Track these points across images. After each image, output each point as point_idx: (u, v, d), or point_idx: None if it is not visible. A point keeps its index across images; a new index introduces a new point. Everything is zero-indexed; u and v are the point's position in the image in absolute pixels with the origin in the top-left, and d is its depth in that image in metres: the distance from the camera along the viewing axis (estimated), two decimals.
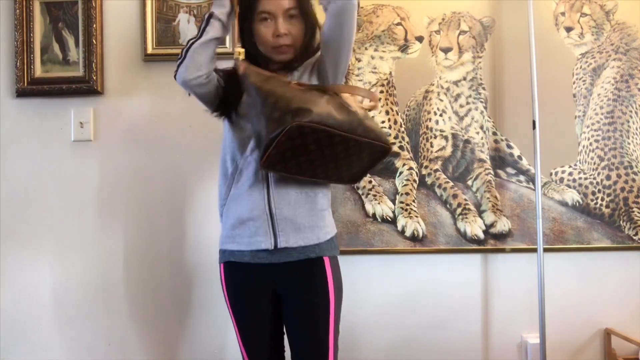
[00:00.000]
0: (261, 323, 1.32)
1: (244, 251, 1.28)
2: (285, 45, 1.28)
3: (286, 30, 1.26)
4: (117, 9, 1.84)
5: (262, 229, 1.26)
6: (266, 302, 1.31)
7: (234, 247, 1.30)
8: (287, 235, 1.25)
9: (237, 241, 1.29)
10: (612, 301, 1.86)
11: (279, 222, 1.26)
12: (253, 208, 1.26)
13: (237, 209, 1.29)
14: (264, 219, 1.26)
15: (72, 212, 1.82)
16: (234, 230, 1.29)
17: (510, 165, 1.86)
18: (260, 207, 1.26)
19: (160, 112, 1.83)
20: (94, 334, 1.82)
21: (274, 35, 1.27)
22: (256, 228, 1.26)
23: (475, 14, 1.86)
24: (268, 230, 1.25)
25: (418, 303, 1.85)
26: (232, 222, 1.30)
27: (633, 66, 1.87)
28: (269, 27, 1.27)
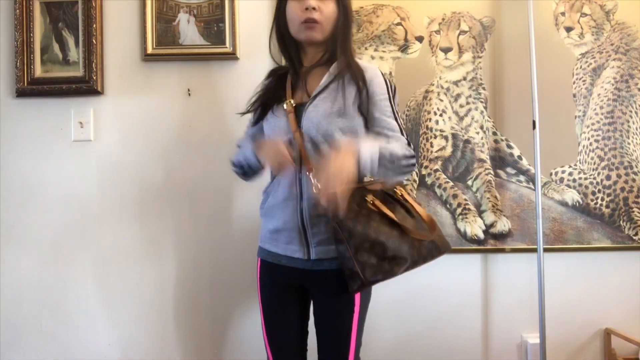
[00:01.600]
0: (289, 321, 1.36)
1: (281, 255, 1.33)
2: (313, 20, 1.27)
3: (316, 4, 1.27)
4: (117, 9, 1.84)
5: (296, 239, 1.29)
6: (296, 302, 1.36)
7: (273, 249, 1.35)
8: (319, 247, 1.28)
9: (275, 244, 1.34)
10: (612, 301, 1.86)
11: (312, 236, 1.28)
12: (287, 220, 1.30)
13: (274, 218, 1.33)
14: (296, 231, 1.29)
15: (72, 211, 1.82)
16: (272, 234, 1.34)
17: (510, 165, 1.86)
18: (294, 221, 1.29)
19: (160, 112, 1.83)
20: (94, 334, 1.82)
21: (303, 9, 1.27)
22: (290, 238, 1.30)
23: (475, 14, 1.86)
24: (302, 242, 1.29)
25: (418, 303, 1.85)
26: (270, 227, 1.34)
27: (633, 66, 1.87)
28: (299, 3, 1.28)
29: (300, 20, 1.28)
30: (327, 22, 1.29)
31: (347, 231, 1.16)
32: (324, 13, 1.28)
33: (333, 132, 1.25)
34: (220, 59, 1.83)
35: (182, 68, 1.83)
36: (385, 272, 1.18)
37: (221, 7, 1.81)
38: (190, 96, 1.84)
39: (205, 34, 1.81)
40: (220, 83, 1.83)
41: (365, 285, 1.18)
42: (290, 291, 1.35)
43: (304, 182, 1.27)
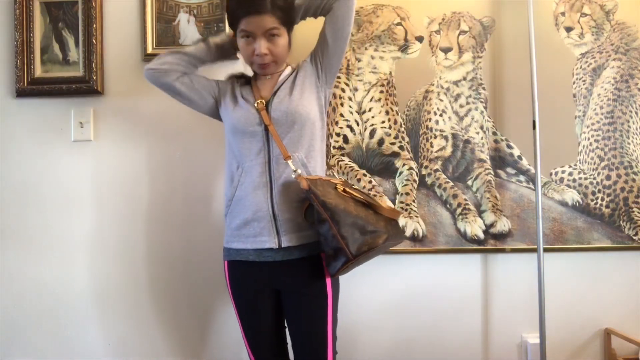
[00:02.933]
0: (264, 318, 1.38)
1: (249, 250, 1.34)
2: (264, 64, 1.35)
3: (266, 50, 1.31)
4: (117, 9, 1.84)
5: (266, 229, 1.32)
6: (268, 298, 1.37)
7: (240, 246, 1.36)
8: (290, 234, 1.32)
9: (243, 240, 1.35)
10: (612, 301, 1.86)
11: (282, 223, 1.32)
12: (257, 210, 1.32)
13: (242, 210, 1.35)
14: (267, 219, 1.32)
15: (72, 211, 1.82)
16: (240, 229, 1.36)
17: (510, 165, 1.86)
18: (264, 209, 1.32)
19: (160, 112, 1.83)
20: (94, 334, 1.82)
21: (254, 53, 1.32)
22: (260, 228, 1.32)
23: (475, 14, 1.86)
24: (272, 231, 1.32)
25: (418, 303, 1.85)
26: (237, 222, 1.36)
27: (633, 66, 1.87)
28: (249, 45, 1.33)
29: (252, 62, 1.37)
30: (280, 57, 1.36)
31: (330, 210, 1.24)
32: (275, 53, 1.33)
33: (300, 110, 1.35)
34: None
35: None
36: (369, 244, 1.24)
37: (221, 7, 1.80)
38: None
39: (205, 34, 1.81)
40: None
41: (350, 261, 1.23)
42: (261, 284, 1.37)
43: (274, 170, 1.33)
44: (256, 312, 1.39)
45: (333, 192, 1.28)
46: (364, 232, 1.24)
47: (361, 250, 1.23)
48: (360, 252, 1.23)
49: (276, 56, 1.34)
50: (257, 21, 1.27)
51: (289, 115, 1.34)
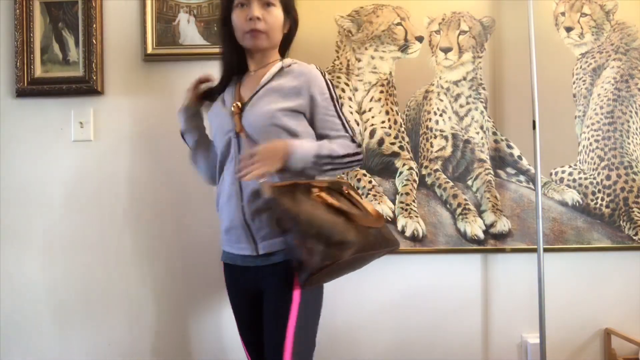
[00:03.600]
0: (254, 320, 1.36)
1: (235, 254, 1.35)
2: (256, 30, 1.29)
3: (260, 14, 1.29)
4: (117, 9, 1.84)
5: (243, 237, 1.31)
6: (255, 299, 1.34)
7: (228, 249, 1.38)
8: (266, 242, 1.28)
9: (229, 245, 1.36)
10: (612, 301, 1.86)
11: (256, 231, 1.29)
12: (232, 218, 1.32)
13: (223, 218, 1.36)
14: (242, 228, 1.30)
15: (72, 211, 1.82)
16: (225, 235, 1.37)
17: (510, 165, 1.86)
18: (238, 218, 1.30)
19: (160, 112, 1.83)
20: (94, 334, 1.82)
21: (247, 18, 1.29)
22: (238, 236, 1.32)
23: (475, 14, 1.86)
24: (249, 239, 1.30)
25: (418, 303, 1.85)
26: (223, 227, 1.37)
27: (633, 66, 1.87)
28: (244, 12, 1.30)
29: (245, 30, 1.30)
30: (273, 29, 1.32)
31: (292, 219, 1.16)
32: (269, 22, 1.30)
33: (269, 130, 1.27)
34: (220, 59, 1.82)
35: (182, 68, 1.83)
36: (333, 256, 1.15)
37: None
38: None
39: (205, 34, 1.81)
40: None
41: (314, 274, 1.14)
42: (249, 286, 1.35)
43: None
44: (247, 314, 1.38)
45: (304, 198, 1.19)
46: (328, 244, 1.15)
47: (324, 263, 1.13)
48: (323, 266, 1.14)
49: (269, 25, 1.30)
50: None
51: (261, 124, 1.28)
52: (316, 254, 1.14)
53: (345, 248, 1.17)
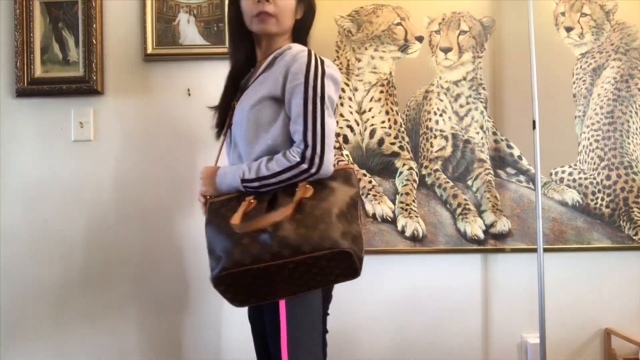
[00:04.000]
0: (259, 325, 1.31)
1: None
2: (265, 12, 1.18)
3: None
4: (117, 9, 1.84)
5: None
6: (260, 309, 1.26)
7: None
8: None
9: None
10: (612, 301, 1.86)
11: None
12: None
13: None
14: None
15: (72, 211, 1.82)
16: None
17: (510, 165, 1.86)
18: None
19: (160, 112, 1.83)
20: (94, 334, 1.82)
21: (256, 1, 1.19)
22: None
23: (475, 14, 1.86)
24: None
25: (418, 303, 1.85)
26: None
27: (633, 66, 1.87)
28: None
29: (253, 13, 1.20)
30: (283, 14, 1.20)
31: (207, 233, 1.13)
32: (278, 4, 1.19)
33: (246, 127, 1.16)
34: (220, 59, 1.82)
35: (182, 68, 1.83)
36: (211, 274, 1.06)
37: (221, 7, 1.80)
38: (190, 96, 1.84)
39: (205, 34, 1.81)
40: (220, 83, 1.79)
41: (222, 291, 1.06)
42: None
43: None
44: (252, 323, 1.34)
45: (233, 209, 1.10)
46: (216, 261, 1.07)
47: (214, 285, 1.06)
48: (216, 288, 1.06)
49: (279, 8, 1.19)
50: None
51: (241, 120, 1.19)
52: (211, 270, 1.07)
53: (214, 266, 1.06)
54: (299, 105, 1.10)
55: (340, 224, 1.04)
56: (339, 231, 1.03)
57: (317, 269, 1.04)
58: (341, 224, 1.05)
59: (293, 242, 1.01)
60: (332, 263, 1.03)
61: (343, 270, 1.06)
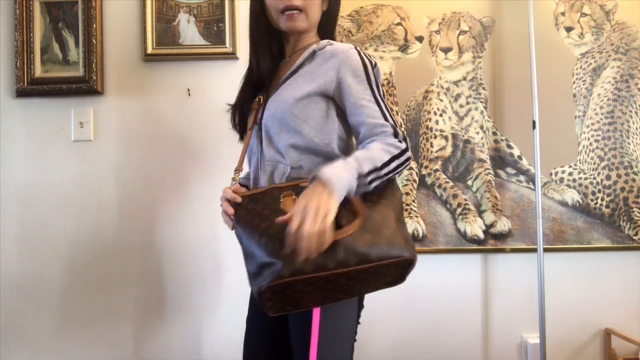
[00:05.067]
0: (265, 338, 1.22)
1: None
2: (293, 7, 1.11)
3: None
4: (117, 9, 1.84)
5: None
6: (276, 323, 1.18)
7: None
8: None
9: None
10: (612, 301, 1.86)
11: None
12: None
13: None
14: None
15: (72, 211, 1.82)
16: None
17: (510, 165, 1.86)
18: None
19: (160, 112, 1.83)
20: (94, 334, 1.82)
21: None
22: None
23: (475, 14, 1.86)
24: None
25: (418, 303, 1.85)
26: None
27: (633, 66, 1.87)
28: None
29: (280, 9, 1.12)
30: (311, 6, 1.13)
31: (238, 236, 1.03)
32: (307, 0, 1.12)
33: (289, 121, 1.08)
34: (220, 59, 1.83)
35: (182, 68, 1.83)
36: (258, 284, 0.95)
37: (221, 7, 1.81)
38: (190, 96, 1.84)
39: (205, 34, 1.81)
40: (220, 83, 1.83)
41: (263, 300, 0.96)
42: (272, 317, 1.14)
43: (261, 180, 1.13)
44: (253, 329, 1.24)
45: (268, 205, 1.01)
46: (261, 266, 0.95)
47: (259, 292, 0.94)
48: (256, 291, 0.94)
49: (307, 2, 1.12)
50: None
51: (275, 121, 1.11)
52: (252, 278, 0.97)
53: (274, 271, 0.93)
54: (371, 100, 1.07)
55: (401, 229, 0.99)
56: (403, 237, 0.98)
57: (373, 276, 0.98)
58: (401, 229, 0.99)
59: (360, 250, 0.94)
60: (390, 270, 0.99)
61: (394, 276, 1.02)
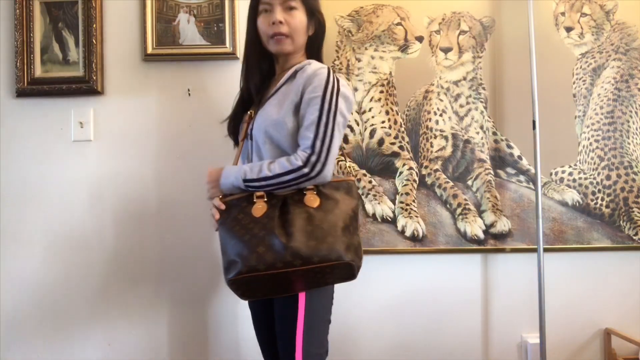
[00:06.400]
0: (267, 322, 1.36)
1: None
2: (279, 33, 1.30)
3: (282, 18, 1.30)
4: (117, 9, 1.84)
5: None
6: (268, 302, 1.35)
7: None
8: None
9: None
10: (612, 301, 1.86)
11: None
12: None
13: None
14: None
15: (72, 211, 1.82)
16: None
17: (510, 165, 1.86)
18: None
19: (160, 112, 1.83)
20: (94, 334, 1.82)
21: (270, 23, 1.31)
22: None
23: (475, 14, 1.86)
24: None
25: (418, 303, 1.85)
26: None
27: (633, 66, 1.87)
28: (267, 17, 1.32)
29: (269, 34, 1.32)
30: (297, 33, 1.32)
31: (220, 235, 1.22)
32: (291, 25, 1.31)
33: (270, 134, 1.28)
34: (220, 59, 1.83)
35: (182, 68, 1.83)
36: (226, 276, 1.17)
37: (221, 7, 1.81)
38: (190, 96, 1.84)
39: (205, 34, 1.81)
40: (220, 83, 1.83)
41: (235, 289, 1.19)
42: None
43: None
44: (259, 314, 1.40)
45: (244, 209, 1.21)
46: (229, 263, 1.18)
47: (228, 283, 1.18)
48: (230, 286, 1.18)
49: (292, 29, 1.31)
50: None
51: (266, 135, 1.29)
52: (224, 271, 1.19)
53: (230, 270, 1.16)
54: (314, 115, 1.22)
55: (345, 237, 1.18)
56: (344, 245, 1.17)
57: (320, 275, 1.17)
58: (345, 237, 1.18)
59: (304, 254, 1.14)
60: (335, 270, 1.17)
61: (342, 276, 1.21)
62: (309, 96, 1.24)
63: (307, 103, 1.24)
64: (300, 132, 1.24)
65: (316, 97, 1.23)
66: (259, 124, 1.29)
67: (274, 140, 1.28)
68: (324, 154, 1.20)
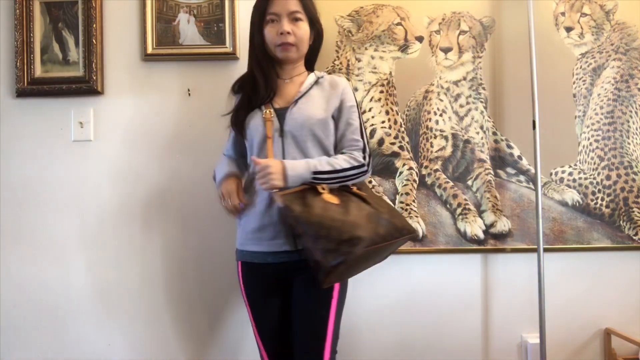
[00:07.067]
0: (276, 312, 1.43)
1: (265, 252, 1.39)
2: (287, 43, 1.41)
3: (289, 29, 1.40)
4: (117, 8, 1.84)
5: (282, 232, 1.37)
6: (280, 295, 1.43)
7: (256, 248, 1.41)
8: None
9: (259, 243, 1.40)
10: (612, 301, 1.86)
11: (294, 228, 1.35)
12: (273, 215, 1.38)
13: (258, 216, 1.40)
14: (281, 225, 1.37)
15: (72, 212, 1.82)
16: (255, 233, 1.40)
17: (510, 165, 1.86)
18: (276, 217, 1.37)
19: (160, 112, 1.83)
20: (94, 334, 1.82)
21: (278, 33, 1.40)
22: (276, 232, 1.38)
23: (475, 14, 1.86)
24: (287, 234, 1.36)
25: (418, 303, 1.85)
26: (253, 226, 1.41)
27: (633, 66, 1.87)
28: (274, 27, 1.42)
29: (276, 43, 1.42)
30: (302, 42, 1.44)
31: (304, 223, 1.25)
32: (297, 35, 1.42)
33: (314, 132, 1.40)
34: (220, 59, 1.83)
35: (182, 68, 1.83)
36: (345, 253, 1.22)
37: (221, 7, 1.81)
38: (190, 96, 1.84)
39: (205, 34, 1.81)
40: (220, 83, 1.82)
41: (330, 272, 1.23)
42: (274, 283, 1.42)
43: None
44: (268, 311, 1.43)
45: (314, 201, 1.29)
46: (339, 242, 1.23)
47: (338, 260, 1.22)
48: (337, 263, 1.22)
49: (298, 38, 1.42)
50: (283, 4, 1.40)
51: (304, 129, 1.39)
52: (329, 253, 1.22)
53: (356, 244, 1.24)
54: (357, 121, 1.44)
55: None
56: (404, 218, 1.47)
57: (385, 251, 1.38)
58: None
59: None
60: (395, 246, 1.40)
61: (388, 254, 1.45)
62: (349, 104, 1.44)
63: (348, 110, 1.43)
64: (345, 134, 1.42)
65: (354, 106, 1.45)
66: (300, 122, 1.39)
67: (317, 137, 1.40)
68: (370, 155, 1.43)
